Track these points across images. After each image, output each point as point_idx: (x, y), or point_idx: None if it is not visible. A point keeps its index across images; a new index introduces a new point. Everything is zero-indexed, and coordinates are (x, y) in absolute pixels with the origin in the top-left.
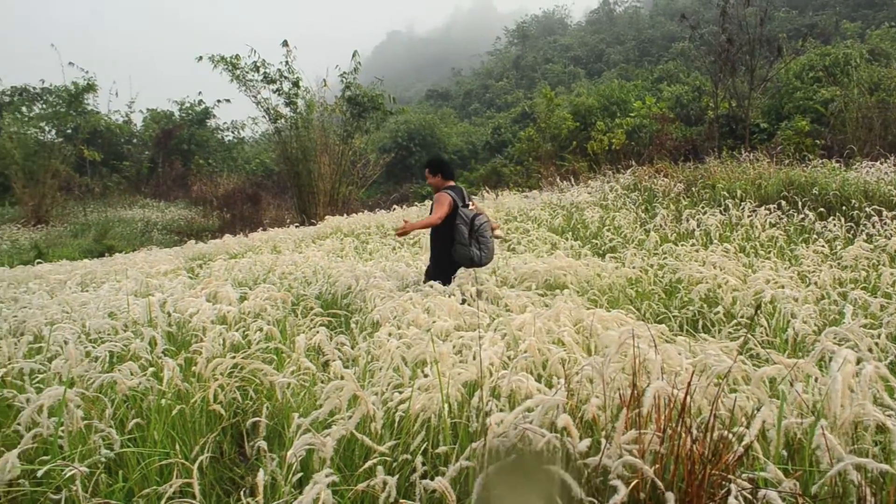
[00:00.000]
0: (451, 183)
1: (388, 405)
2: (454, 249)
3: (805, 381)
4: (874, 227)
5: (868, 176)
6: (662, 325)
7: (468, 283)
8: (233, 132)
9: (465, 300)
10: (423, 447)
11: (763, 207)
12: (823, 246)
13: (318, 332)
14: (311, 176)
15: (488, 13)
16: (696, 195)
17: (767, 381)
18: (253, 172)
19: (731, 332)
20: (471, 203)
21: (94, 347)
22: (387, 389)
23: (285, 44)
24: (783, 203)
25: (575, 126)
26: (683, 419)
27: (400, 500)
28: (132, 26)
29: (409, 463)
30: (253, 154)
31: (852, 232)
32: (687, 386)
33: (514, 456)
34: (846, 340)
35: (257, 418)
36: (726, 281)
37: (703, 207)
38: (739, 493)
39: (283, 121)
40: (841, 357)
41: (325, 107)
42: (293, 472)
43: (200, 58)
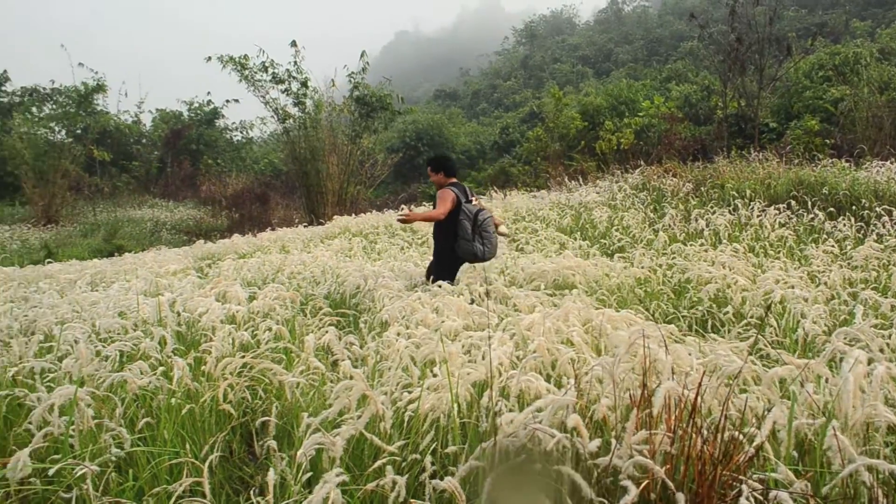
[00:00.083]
0: (454, 180)
1: (397, 405)
2: (457, 245)
3: (816, 382)
4: (885, 227)
5: (878, 175)
6: (672, 325)
7: (476, 282)
8: (241, 132)
9: (474, 300)
10: (432, 447)
11: (772, 207)
12: (833, 246)
13: (327, 331)
14: (319, 176)
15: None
16: (705, 195)
17: (778, 381)
18: (261, 172)
19: (740, 333)
20: (474, 199)
21: (105, 347)
22: (396, 389)
23: (294, 44)
24: (793, 203)
25: (583, 126)
26: (694, 420)
27: (410, 500)
28: (133, 26)
29: (418, 463)
30: (261, 154)
31: (862, 232)
32: (698, 386)
33: (524, 456)
34: (857, 341)
35: (267, 418)
36: (735, 281)
37: (712, 207)
38: (750, 494)
39: (291, 121)
40: (852, 357)
41: (333, 107)
42: (303, 472)
43: (209, 58)
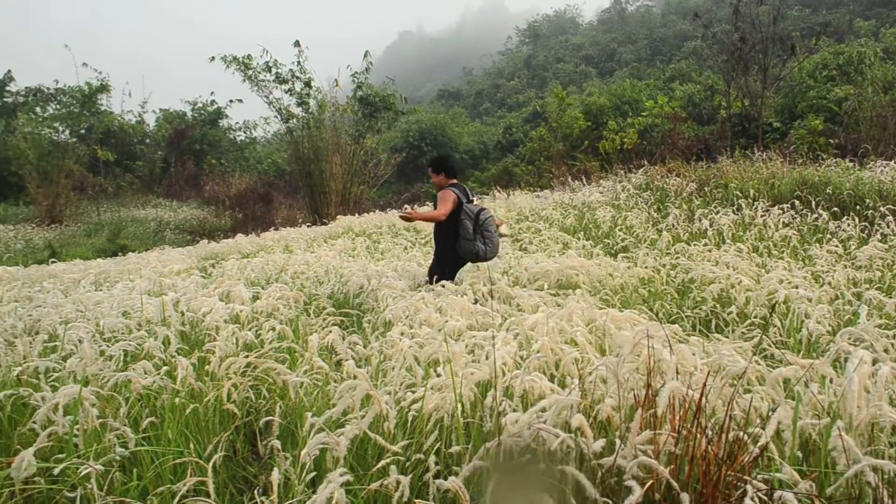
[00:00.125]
0: (455, 181)
1: (400, 405)
2: (459, 245)
3: (820, 383)
4: (889, 227)
5: (882, 175)
6: (675, 325)
7: (480, 282)
8: (245, 132)
9: (477, 300)
10: (436, 447)
11: (776, 207)
12: (837, 246)
13: (330, 331)
14: (322, 176)
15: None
16: (709, 195)
17: (782, 381)
18: (265, 172)
19: (744, 333)
20: (475, 200)
21: (109, 346)
22: (399, 389)
23: (297, 44)
24: (796, 203)
25: (586, 125)
26: (698, 420)
27: (413, 500)
28: (134, 26)
29: (422, 462)
30: (265, 154)
31: (866, 232)
32: (702, 386)
33: (529, 456)
34: (861, 341)
35: (270, 417)
36: (739, 281)
37: (715, 207)
38: (755, 495)
39: (294, 121)
40: (857, 358)
41: (336, 107)
42: (307, 471)
43: (213, 58)
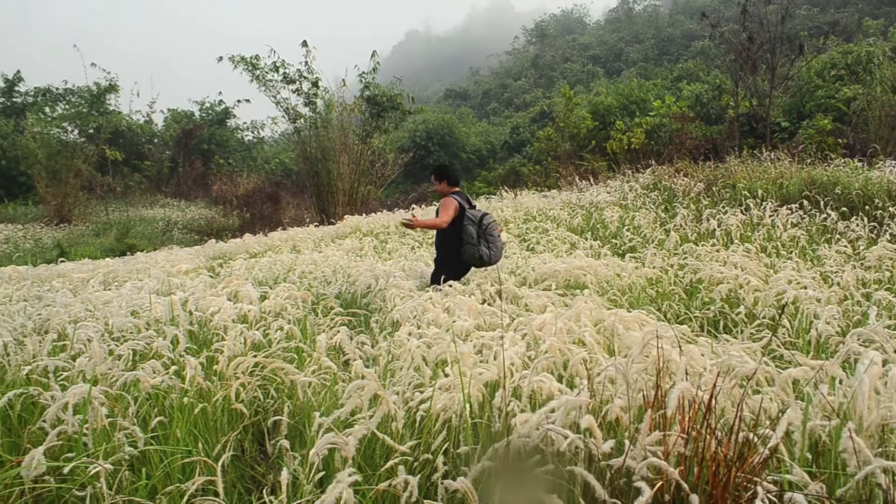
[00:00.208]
0: (457, 189)
1: (409, 405)
2: (463, 250)
3: (830, 384)
4: None
5: (892, 175)
6: (684, 325)
7: (487, 282)
8: (252, 132)
9: (485, 300)
10: (444, 447)
11: (784, 207)
12: (846, 246)
13: (338, 331)
14: (330, 175)
15: (506, 12)
16: (717, 195)
17: (791, 382)
18: (272, 172)
19: (753, 333)
20: (476, 205)
21: (118, 345)
22: (408, 389)
23: (304, 44)
24: (805, 203)
25: (594, 125)
26: (708, 421)
27: (422, 501)
28: (139, 27)
29: (430, 463)
30: (272, 154)
31: (876, 232)
32: (712, 387)
33: (538, 457)
34: (871, 342)
35: (279, 417)
36: (748, 281)
37: (723, 207)
38: (765, 496)
39: (302, 121)
40: (867, 359)
41: (344, 107)
42: (315, 471)
43: (221, 58)
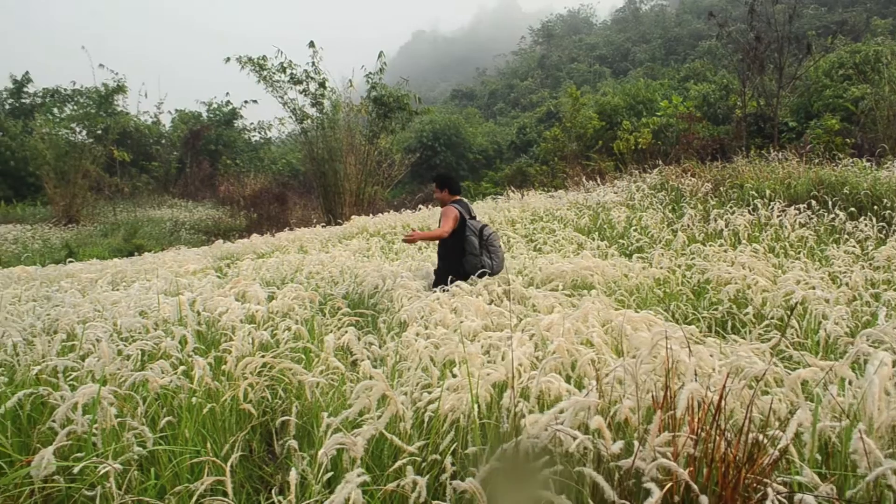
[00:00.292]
0: (457, 197)
1: (417, 405)
2: (465, 260)
3: (839, 385)
4: None
5: None
6: (692, 326)
7: (495, 282)
8: (259, 132)
9: (493, 301)
10: (452, 447)
11: (792, 207)
12: (855, 246)
13: (346, 331)
14: (336, 176)
15: (513, 12)
16: (724, 195)
17: (800, 383)
18: (279, 172)
19: (761, 334)
20: (477, 216)
21: (126, 346)
22: (416, 389)
23: (312, 45)
24: (813, 203)
25: (601, 125)
26: (717, 422)
27: (430, 501)
28: (135, 27)
29: (438, 463)
30: (279, 154)
31: (884, 232)
32: (721, 388)
33: (546, 457)
34: (881, 343)
35: (287, 417)
36: (756, 282)
37: (731, 207)
38: (775, 498)
39: (309, 121)
40: (877, 359)
41: (350, 107)
42: (324, 471)
43: (228, 59)
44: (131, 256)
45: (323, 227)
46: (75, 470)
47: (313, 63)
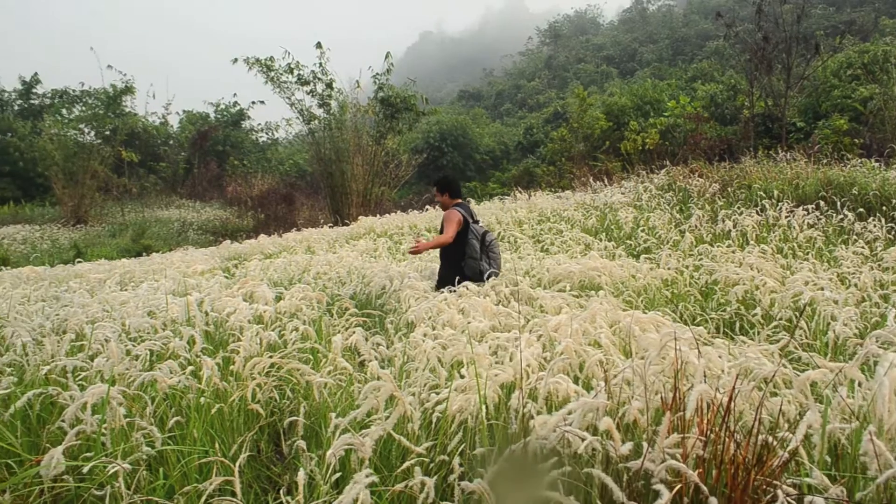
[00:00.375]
0: (459, 200)
1: (425, 406)
2: (465, 263)
3: (849, 386)
4: None
5: None
6: (700, 327)
7: (502, 283)
8: (267, 133)
9: (500, 301)
10: (460, 448)
11: (801, 208)
12: (863, 247)
13: (354, 332)
14: (344, 177)
15: (520, 13)
16: (732, 195)
17: (809, 384)
18: (287, 173)
19: (770, 335)
20: (480, 220)
21: (135, 346)
22: (423, 390)
23: (319, 46)
24: (821, 203)
25: (608, 126)
26: (727, 423)
27: (438, 502)
28: (136, 27)
29: (446, 464)
30: (287, 155)
31: (893, 233)
32: (731, 389)
33: (555, 459)
34: (890, 344)
35: (295, 417)
36: (764, 283)
37: (739, 208)
38: (785, 499)
39: (316, 122)
40: (887, 361)
41: (358, 108)
42: (332, 472)
43: (235, 60)
44: (139, 257)
45: (330, 227)
46: (84, 469)
47: (320, 64)
